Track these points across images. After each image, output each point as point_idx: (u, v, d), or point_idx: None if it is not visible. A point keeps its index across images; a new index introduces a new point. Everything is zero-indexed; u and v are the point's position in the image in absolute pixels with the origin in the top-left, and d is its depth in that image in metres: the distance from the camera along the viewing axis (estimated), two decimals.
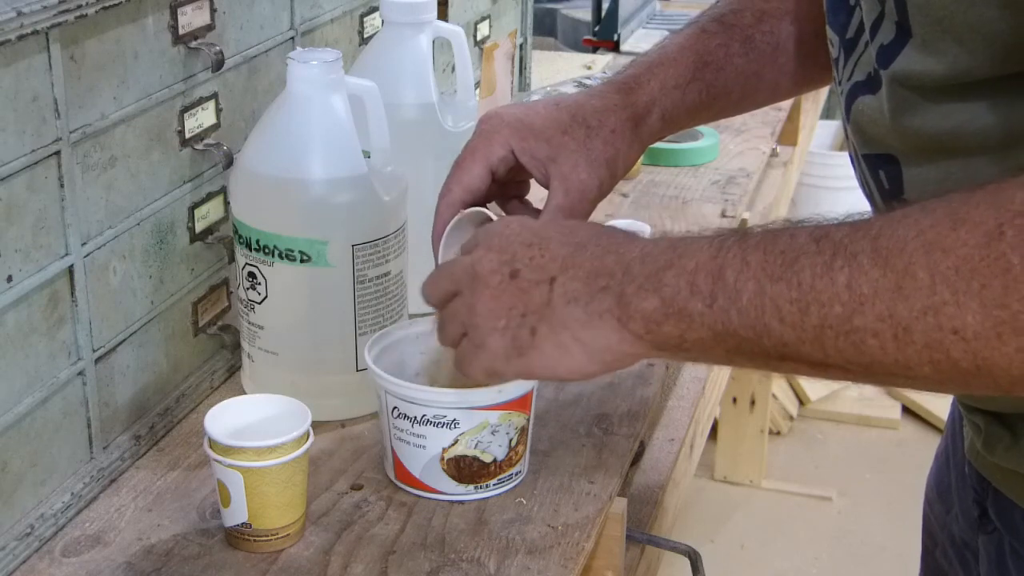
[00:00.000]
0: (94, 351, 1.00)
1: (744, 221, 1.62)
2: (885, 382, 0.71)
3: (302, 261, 1.07)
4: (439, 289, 0.86)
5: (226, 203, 1.15)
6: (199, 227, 1.12)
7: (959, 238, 0.64)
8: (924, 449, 2.69)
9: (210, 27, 1.10)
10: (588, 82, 1.90)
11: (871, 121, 0.83)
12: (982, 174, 0.76)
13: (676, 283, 0.74)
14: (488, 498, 1.01)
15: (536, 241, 0.81)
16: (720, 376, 1.66)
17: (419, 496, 1.01)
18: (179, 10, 1.05)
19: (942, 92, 0.77)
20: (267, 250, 1.07)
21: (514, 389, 0.98)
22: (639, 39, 2.58)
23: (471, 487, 1.00)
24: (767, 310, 0.70)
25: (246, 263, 1.09)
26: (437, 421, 0.98)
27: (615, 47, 2.48)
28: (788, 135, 2.17)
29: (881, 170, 0.84)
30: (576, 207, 0.99)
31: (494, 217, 0.95)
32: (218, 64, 1.10)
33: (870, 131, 0.84)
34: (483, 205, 0.99)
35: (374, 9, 1.42)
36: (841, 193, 3.74)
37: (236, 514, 0.93)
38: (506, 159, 0.99)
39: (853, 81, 0.85)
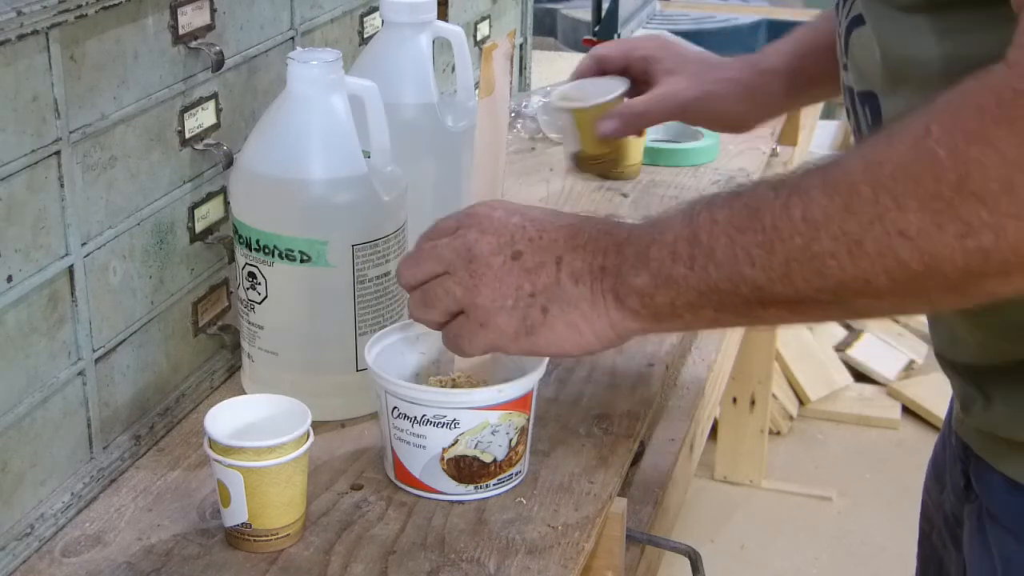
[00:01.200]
0: (94, 351, 1.00)
1: None
2: (855, 308, 0.76)
3: (302, 261, 1.07)
4: (422, 270, 0.89)
5: (226, 203, 1.15)
6: (199, 227, 1.12)
7: (893, 148, 0.71)
8: (924, 449, 2.68)
9: (210, 27, 1.10)
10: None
11: (861, 49, 0.87)
12: None
13: (660, 255, 0.80)
14: (488, 498, 1.01)
15: (530, 224, 0.86)
16: (720, 376, 1.66)
17: (419, 496, 1.01)
18: (179, 10, 1.05)
19: (908, 10, 0.80)
20: (267, 250, 1.07)
21: (514, 389, 0.98)
22: None
23: (471, 487, 1.00)
24: (740, 259, 0.77)
25: (246, 263, 1.09)
26: (437, 421, 0.98)
27: None
28: (788, 135, 2.16)
29: (867, 105, 0.88)
30: (669, 97, 1.23)
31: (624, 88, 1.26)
32: (218, 64, 1.10)
33: (861, 63, 0.87)
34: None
35: (374, 9, 1.42)
36: None
37: (236, 514, 0.93)
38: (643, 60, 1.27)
39: (850, 17, 0.88)
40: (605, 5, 2.50)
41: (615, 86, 1.27)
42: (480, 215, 0.88)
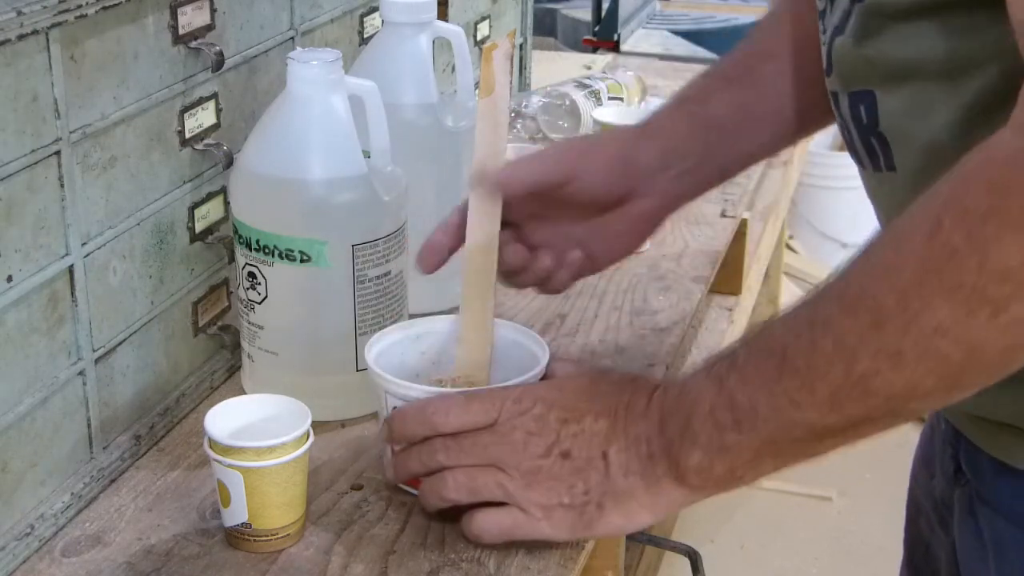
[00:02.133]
0: (94, 351, 1.00)
1: (744, 221, 1.62)
2: (907, 412, 0.77)
3: (302, 261, 1.07)
4: (467, 458, 0.91)
5: (226, 203, 1.15)
6: (199, 227, 1.12)
7: (906, 252, 0.71)
8: None
9: (210, 27, 1.10)
10: (588, 82, 1.90)
11: (844, 56, 0.86)
12: (939, 102, 0.80)
13: (704, 428, 0.82)
14: None
15: (571, 416, 0.89)
16: None
17: (419, 496, 1.01)
18: (179, 10, 1.05)
19: (909, 16, 0.79)
20: (267, 250, 1.07)
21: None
22: (639, 39, 2.59)
23: None
24: (784, 408, 0.78)
25: (246, 263, 1.09)
26: None
27: (615, 47, 2.48)
28: None
29: (861, 105, 0.87)
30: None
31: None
32: (218, 64, 1.10)
33: (848, 69, 0.86)
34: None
35: (374, 9, 1.42)
36: (841, 193, 3.74)
37: (236, 514, 0.93)
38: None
39: (832, 26, 0.88)
40: (605, 5, 2.50)
41: None
42: (522, 411, 0.90)
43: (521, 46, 1.94)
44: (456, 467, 0.91)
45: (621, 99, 1.90)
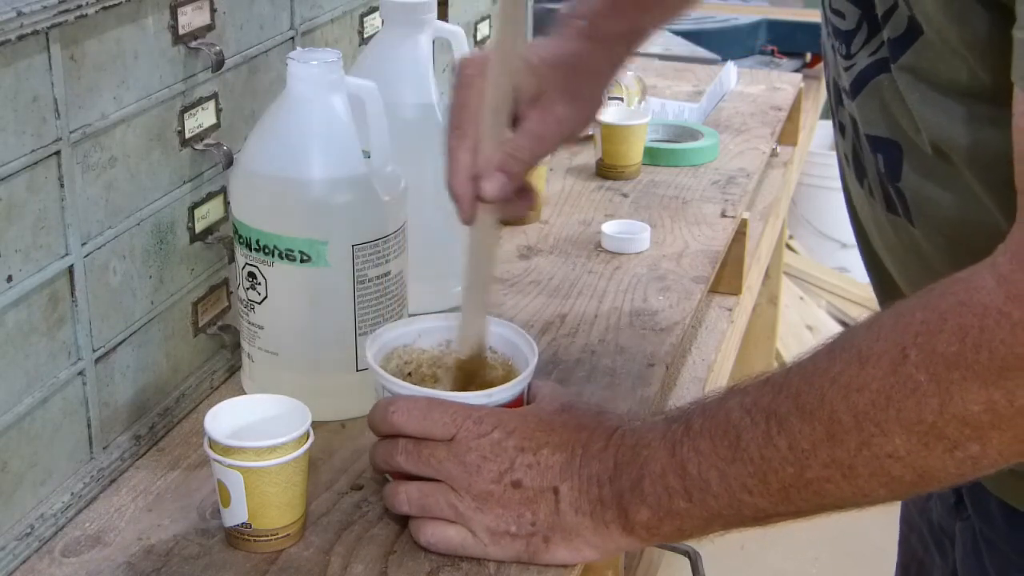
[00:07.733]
0: (94, 351, 1.00)
1: (744, 221, 1.62)
2: (858, 507, 0.79)
3: (302, 261, 1.07)
4: (420, 469, 0.91)
5: (226, 203, 1.15)
6: (199, 227, 1.12)
7: (868, 375, 0.72)
8: None
9: (210, 27, 1.10)
10: None
11: (889, 101, 0.83)
12: (967, 189, 0.78)
13: (655, 490, 0.83)
14: None
15: (528, 446, 0.89)
16: (720, 376, 1.66)
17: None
18: (179, 10, 1.05)
19: (950, 94, 0.77)
20: (267, 250, 1.07)
21: (503, 393, 0.97)
22: None
23: None
24: (735, 489, 0.79)
25: (246, 263, 1.09)
26: None
27: None
28: (788, 135, 2.16)
29: (880, 153, 0.85)
30: (548, 135, 1.01)
31: None
32: (218, 64, 1.10)
33: (889, 109, 0.84)
34: None
35: (374, 9, 1.42)
36: (841, 193, 3.74)
37: (236, 514, 0.93)
38: None
39: (877, 57, 0.84)
40: None
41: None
42: (481, 433, 0.90)
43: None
44: (410, 480, 0.92)
45: (621, 99, 1.90)
